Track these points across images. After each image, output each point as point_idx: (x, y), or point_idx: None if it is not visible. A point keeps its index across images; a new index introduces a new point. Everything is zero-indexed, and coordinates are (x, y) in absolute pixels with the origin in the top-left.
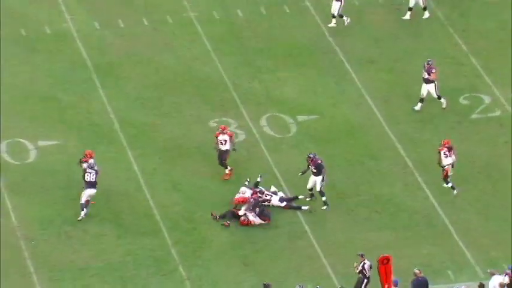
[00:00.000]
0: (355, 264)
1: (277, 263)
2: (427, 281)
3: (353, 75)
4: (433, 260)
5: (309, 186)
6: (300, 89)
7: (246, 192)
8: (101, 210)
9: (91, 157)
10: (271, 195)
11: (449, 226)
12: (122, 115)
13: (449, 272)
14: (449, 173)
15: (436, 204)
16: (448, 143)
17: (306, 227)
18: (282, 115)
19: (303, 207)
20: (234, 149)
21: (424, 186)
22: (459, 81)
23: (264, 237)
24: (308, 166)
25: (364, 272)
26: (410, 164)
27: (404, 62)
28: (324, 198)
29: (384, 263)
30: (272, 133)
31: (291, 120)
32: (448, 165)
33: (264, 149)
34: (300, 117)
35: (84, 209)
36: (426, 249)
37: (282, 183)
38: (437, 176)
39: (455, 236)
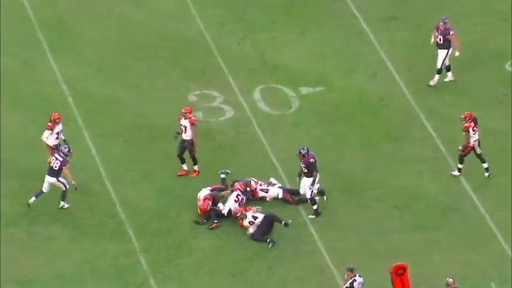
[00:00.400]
0: (346, 276)
1: (274, 273)
2: None
3: (370, 35)
4: (472, 270)
5: (301, 191)
6: (304, 52)
7: (200, 195)
8: (50, 207)
9: (59, 120)
10: (267, 187)
11: (492, 226)
12: (77, 85)
13: (493, 285)
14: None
15: (475, 199)
16: (472, 115)
17: (311, 229)
18: (280, 86)
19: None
20: (191, 144)
21: (459, 174)
22: (505, 42)
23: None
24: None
25: None
26: (442, 147)
27: (435, 17)
28: (315, 207)
29: (399, 274)
30: (268, 109)
31: (292, 93)
32: (475, 141)
33: (258, 129)
34: (304, 89)
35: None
36: (463, 255)
37: (281, 173)
38: (476, 162)
39: (500, 239)
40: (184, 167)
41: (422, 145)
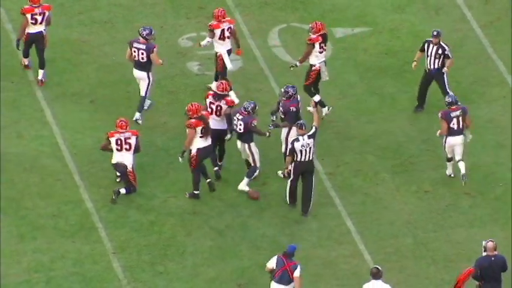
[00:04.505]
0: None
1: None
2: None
3: None
4: None
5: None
6: None
7: None
8: None
9: None
10: None
11: None
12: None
13: None
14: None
15: None
16: (322, 27)
17: (348, 223)
18: (306, 26)
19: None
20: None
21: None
22: None
23: (295, 232)
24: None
25: None
26: None
27: None
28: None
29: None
30: (289, 58)
31: None
32: (321, 63)
33: (275, 85)
34: (338, 31)
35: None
36: None
37: None
38: None
39: None
40: None
41: (502, 106)
